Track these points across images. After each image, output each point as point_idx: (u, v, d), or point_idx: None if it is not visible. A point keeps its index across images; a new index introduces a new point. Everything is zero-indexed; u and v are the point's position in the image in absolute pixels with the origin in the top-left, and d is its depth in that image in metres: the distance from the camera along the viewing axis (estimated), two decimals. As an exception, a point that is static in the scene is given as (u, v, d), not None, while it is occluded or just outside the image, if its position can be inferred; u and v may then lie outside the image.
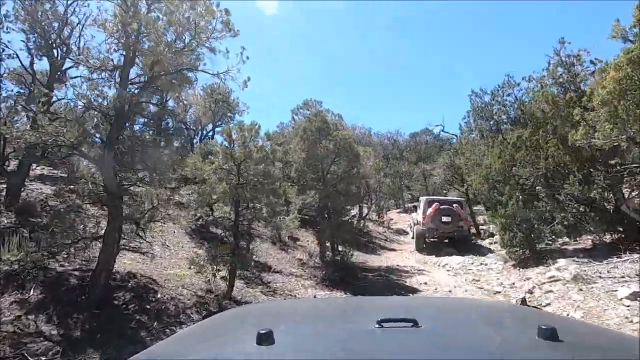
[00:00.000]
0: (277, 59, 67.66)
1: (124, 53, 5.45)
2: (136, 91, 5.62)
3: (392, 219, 22.23)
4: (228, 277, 6.04)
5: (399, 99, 63.62)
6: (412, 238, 15.81)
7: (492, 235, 15.27)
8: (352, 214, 20.70)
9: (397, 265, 10.63)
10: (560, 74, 9.38)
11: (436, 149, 32.94)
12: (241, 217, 6.32)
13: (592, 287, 6.76)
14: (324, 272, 9.03)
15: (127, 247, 5.34)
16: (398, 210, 26.31)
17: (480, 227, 16.54)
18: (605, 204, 8.68)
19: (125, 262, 6.05)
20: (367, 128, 25.09)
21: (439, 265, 11.30)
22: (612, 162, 6.02)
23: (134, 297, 4.97)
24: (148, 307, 4.87)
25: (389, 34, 66.17)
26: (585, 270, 7.51)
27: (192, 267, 5.73)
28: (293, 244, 11.81)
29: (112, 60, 5.52)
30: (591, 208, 8.67)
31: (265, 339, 0.89)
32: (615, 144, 4.97)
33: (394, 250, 14.41)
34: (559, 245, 9.78)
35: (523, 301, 6.80)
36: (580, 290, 6.81)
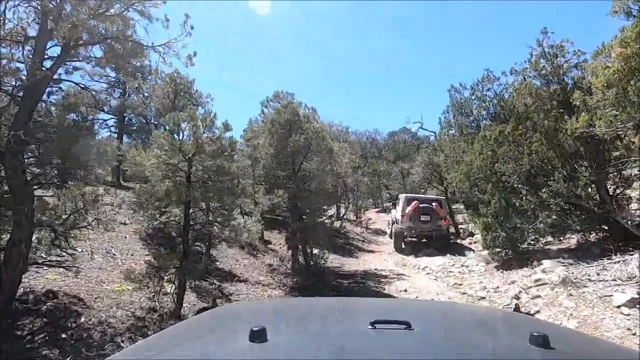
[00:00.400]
0: (276, 58, 66.10)
1: (39, 22, 4.43)
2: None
3: (370, 219, 21.65)
4: (176, 291, 5.10)
5: (378, 98, 63.58)
6: (390, 237, 15.36)
7: (471, 234, 14.90)
8: (330, 213, 20.00)
9: (375, 270, 9.92)
10: (543, 66, 8.93)
11: (414, 148, 32.75)
12: (193, 221, 5.38)
13: (583, 292, 6.25)
14: (294, 280, 8.19)
15: (43, 261, 4.29)
16: (376, 209, 25.80)
17: (460, 226, 16.17)
18: (590, 202, 8.28)
19: (48, 278, 4.98)
20: (344, 126, 24.37)
21: (418, 268, 10.69)
22: (617, 153, 5.48)
23: (46, 323, 3.95)
24: (64, 336, 3.87)
25: (372, 33, 66.08)
26: (573, 273, 7.03)
27: (131, 281, 4.75)
28: (264, 248, 10.90)
29: (24, 29, 4.48)
30: (575, 206, 8.25)
31: (258, 336, 0.87)
32: (619, 132, 4.41)
33: (372, 252, 13.75)
34: (541, 245, 9.35)
35: (517, 308, 6.26)
36: (571, 295, 6.29)
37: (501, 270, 8.89)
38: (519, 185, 9.02)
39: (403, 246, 13.04)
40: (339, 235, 15.51)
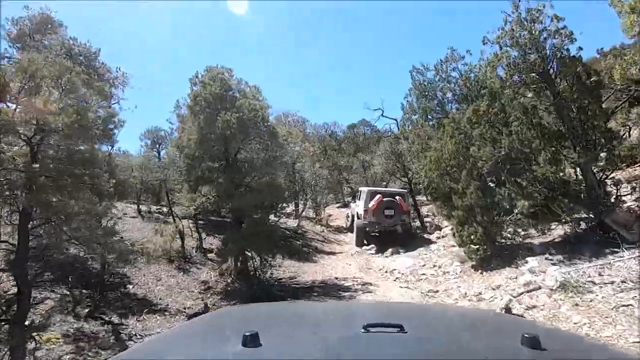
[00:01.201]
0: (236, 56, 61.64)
1: None
2: None
3: (331, 215, 20.15)
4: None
5: (338, 89, 62.15)
6: (348, 230, 14.42)
7: (439, 228, 13.85)
8: (287, 211, 18.20)
9: (336, 279, 8.29)
10: (520, 34, 7.72)
11: (375, 140, 31.88)
12: (39, 239, 3.33)
13: (590, 300, 5.03)
14: (232, 303, 6.33)
15: None
16: (338, 205, 24.36)
17: (425, 219, 15.11)
18: (577, 187, 7.25)
19: None
20: (301, 117, 22.49)
21: (386, 272, 9.25)
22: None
23: None
24: None
25: (328, 22, 64.28)
26: (570, 274, 5.85)
27: None
28: (201, 259, 8.88)
29: None
30: (560, 193, 7.16)
31: (251, 340, 0.87)
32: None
33: (332, 253, 12.15)
34: (521, 239, 8.26)
35: (508, 309, 5.05)
36: (576, 305, 5.04)
37: (480, 271, 7.64)
38: (498, 172, 7.81)
39: (365, 242, 12.09)
40: (296, 236, 13.79)
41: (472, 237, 7.83)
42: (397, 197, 12.00)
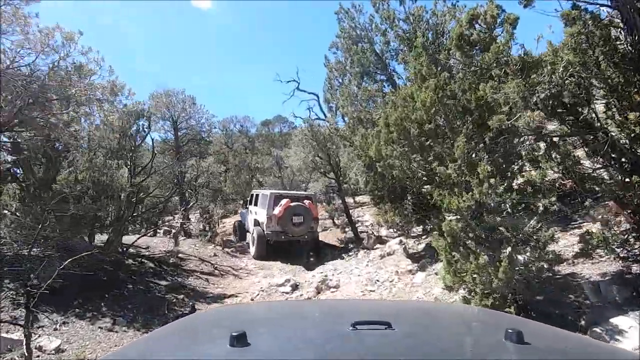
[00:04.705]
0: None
1: None
2: None
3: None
4: None
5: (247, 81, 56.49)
6: (236, 240, 11.93)
7: (380, 240, 9.94)
8: (173, 226, 12.61)
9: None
10: None
11: (291, 137, 27.91)
12: None
13: None
14: None
15: None
16: (247, 213, 19.36)
17: (356, 224, 11.13)
18: None
19: None
20: (189, 96, 16.82)
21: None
22: None
23: None
24: None
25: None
26: None
27: None
28: None
29: None
30: None
31: (238, 340, 0.85)
32: None
33: (222, 297, 7.21)
34: (547, 266, 4.50)
35: None
36: None
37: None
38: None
39: (265, 254, 10.16)
40: (164, 272, 8.42)
41: (481, 274, 3.74)
42: (306, 202, 10.28)
